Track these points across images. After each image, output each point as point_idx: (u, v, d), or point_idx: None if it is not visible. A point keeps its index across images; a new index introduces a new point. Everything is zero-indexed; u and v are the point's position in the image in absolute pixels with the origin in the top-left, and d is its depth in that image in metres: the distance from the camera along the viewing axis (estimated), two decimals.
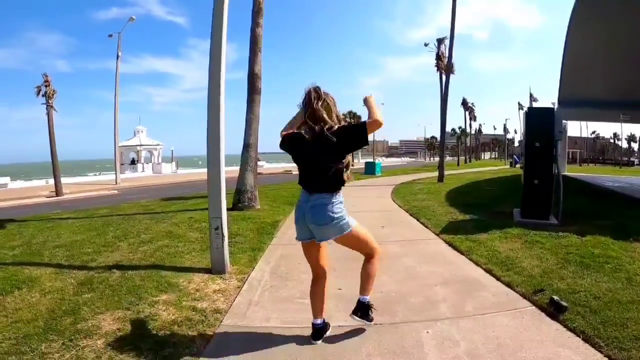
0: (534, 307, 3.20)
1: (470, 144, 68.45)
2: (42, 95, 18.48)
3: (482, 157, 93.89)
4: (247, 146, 9.33)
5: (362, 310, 2.83)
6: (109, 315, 3.26)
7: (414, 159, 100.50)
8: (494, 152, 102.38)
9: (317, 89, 2.60)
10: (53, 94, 18.61)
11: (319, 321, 2.82)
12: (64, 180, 20.91)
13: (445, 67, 20.73)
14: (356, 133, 2.55)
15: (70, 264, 4.86)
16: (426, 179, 18.84)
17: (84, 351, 2.69)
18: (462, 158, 56.04)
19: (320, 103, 2.56)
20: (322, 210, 2.57)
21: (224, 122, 4.64)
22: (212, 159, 4.59)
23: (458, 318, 3.06)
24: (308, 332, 2.89)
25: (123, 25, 26.17)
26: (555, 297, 3.11)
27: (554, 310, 3.01)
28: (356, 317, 2.83)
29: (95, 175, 37.93)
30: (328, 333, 2.86)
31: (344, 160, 2.61)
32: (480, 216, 7.24)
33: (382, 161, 52.42)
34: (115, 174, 25.84)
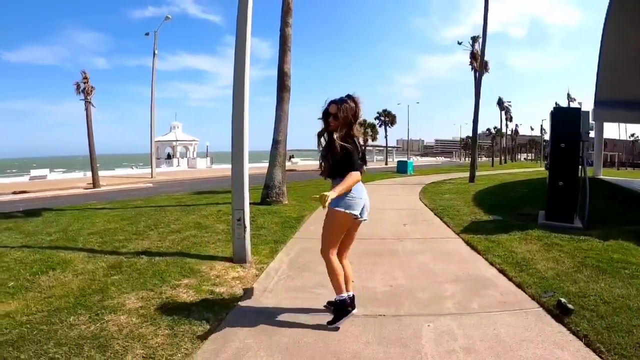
0: (540, 309, 3.19)
1: (505, 145, 66.45)
2: (81, 92, 19.26)
3: (519, 158, 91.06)
4: (276, 142, 9.54)
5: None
6: (133, 295, 3.54)
7: (448, 159, 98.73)
8: (530, 154, 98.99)
9: None
10: (91, 91, 19.37)
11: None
12: (101, 172, 21.95)
13: (478, 65, 20.28)
14: None
15: (102, 249, 5.22)
16: (457, 179, 18.55)
17: (107, 324, 2.97)
18: (497, 159, 54.58)
19: None
20: None
21: (248, 117, 4.81)
22: (236, 154, 4.78)
23: (462, 314, 3.11)
24: (315, 318, 3.06)
25: (159, 24, 27.19)
26: (563, 300, 3.09)
27: (559, 313, 2.99)
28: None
29: (132, 168, 39.44)
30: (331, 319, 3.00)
31: None
32: (504, 217, 7.15)
33: (416, 160, 51.79)
34: (151, 167, 26.86)
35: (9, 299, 3.50)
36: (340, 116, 2.83)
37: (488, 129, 61.46)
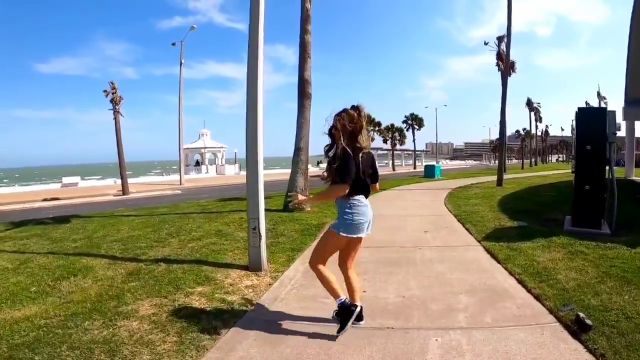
0: (557, 323, 3.01)
1: (535, 146, 64.41)
2: (110, 101, 19.89)
3: (550, 160, 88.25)
4: (298, 150, 9.59)
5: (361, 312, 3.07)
6: (147, 302, 3.64)
7: (478, 162, 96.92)
8: (561, 155, 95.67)
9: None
10: (120, 100, 20.00)
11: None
12: (131, 180, 22.65)
13: (504, 65, 19.82)
14: None
15: (123, 256, 5.39)
16: (485, 182, 18.07)
17: (120, 330, 3.08)
18: (527, 161, 53.14)
19: None
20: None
21: (262, 126, 4.85)
22: (251, 164, 4.83)
23: (473, 329, 2.99)
24: (322, 329, 3.04)
25: (185, 34, 27.84)
26: (581, 314, 2.90)
27: (577, 329, 2.81)
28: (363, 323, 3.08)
29: (162, 175, 40.50)
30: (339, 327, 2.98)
31: None
32: (529, 223, 6.88)
33: (444, 164, 51.02)
34: (180, 174, 27.50)
35: (30, 304, 3.68)
36: (338, 125, 2.87)
37: (517, 131, 59.82)
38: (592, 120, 6.00)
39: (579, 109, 6.04)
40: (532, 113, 51.92)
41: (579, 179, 6.09)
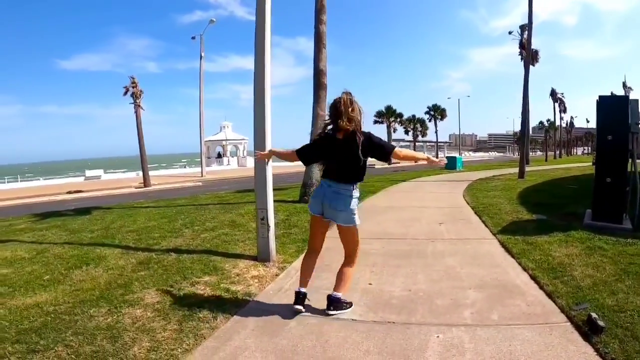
0: (568, 323, 2.84)
1: (560, 138, 62.43)
2: (130, 95, 20.32)
3: (575, 152, 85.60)
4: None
5: (335, 303, 3.10)
6: (153, 290, 3.69)
7: (502, 154, 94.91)
8: (586, 147, 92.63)
9: (350, 98, 3.02)
10: (140, 94, 20.45)
11: (303, 290, 3.19)
12: (153, 172, 23.12)
13: (526, 54, 19.19)
14: (381, 151, 3.05)
15: (136, 246, 5.49)
16: (506, 175, 17.65)
17: (124, 317, 3.14)
18: (551, 153, 51.66)
19: (351, 109, 2.97)
20: (343, 198, 3.04)
21: (270, 117, 4.81)
22: None
23: (477, 326, 2.86)
24: (321, 321, 3.01)
25: (204, 28, 28.06)
26: (594, 315, 2.71)
27: (588, 330, 2.64)
28: (331, 312, 3.08)
29: (185, 167, 41.20)
30: (338, 325, 2.94)
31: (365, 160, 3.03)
32: (547, 216, 6.64)
33: (467, 156, 50.16)
34: (201, 167, 27.90)
35: (41, 291, 3.79)
36: None
37: (540, 122, 58.09)
38: (614, 109, 5.70)
39: (600, 97, 5.74)
40: (556, 104, 50.27)
41: (600, 171, 5.80)
